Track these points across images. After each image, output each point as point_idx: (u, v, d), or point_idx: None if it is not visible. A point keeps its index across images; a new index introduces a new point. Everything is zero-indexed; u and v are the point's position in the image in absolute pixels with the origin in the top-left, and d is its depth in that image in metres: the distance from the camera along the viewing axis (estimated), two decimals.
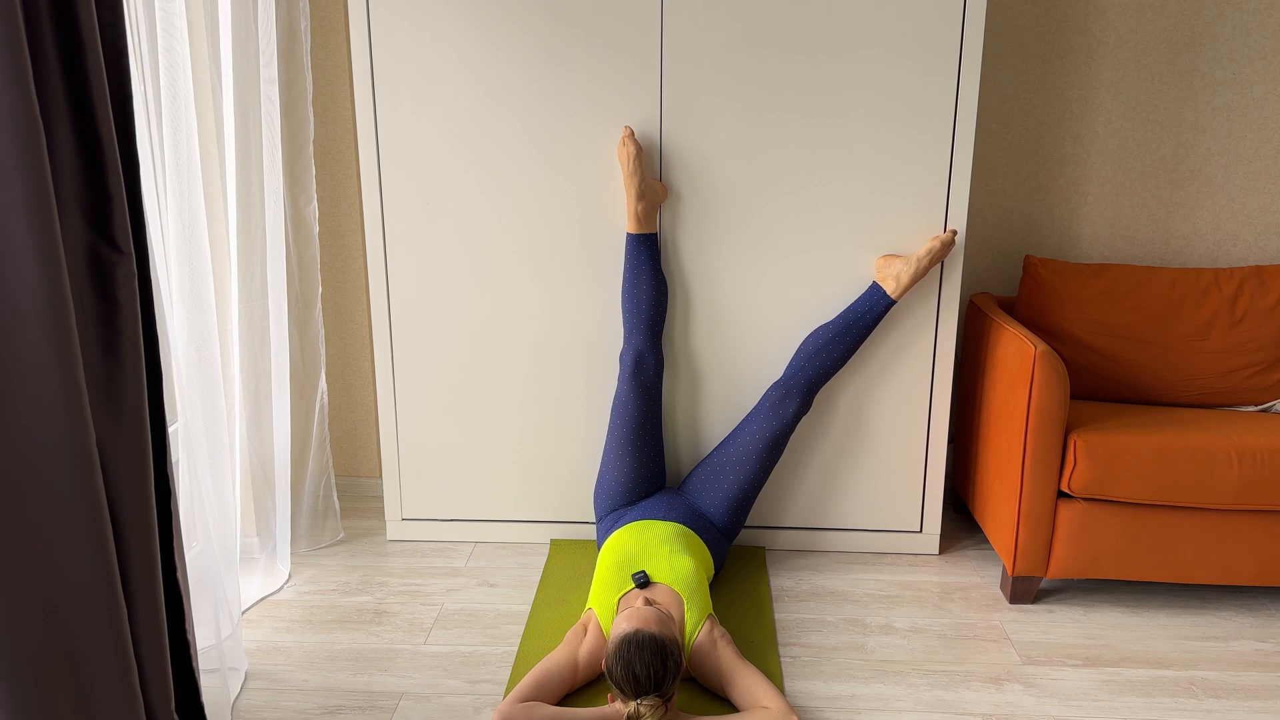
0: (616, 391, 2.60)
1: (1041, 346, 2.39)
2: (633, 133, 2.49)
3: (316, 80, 2.86)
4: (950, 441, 3.11)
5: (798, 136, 2.53)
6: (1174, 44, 2.85)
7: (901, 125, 2.51)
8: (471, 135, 2.56)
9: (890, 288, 2.52)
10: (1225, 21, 2.82)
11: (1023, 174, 2.97)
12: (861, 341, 2.56)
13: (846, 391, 2.70)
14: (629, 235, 2.54)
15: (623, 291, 2.58)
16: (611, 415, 2.60)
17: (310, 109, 2.65)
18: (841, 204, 2.57)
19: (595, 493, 2.63)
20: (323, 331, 2.78)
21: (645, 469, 2.58)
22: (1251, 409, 2.73)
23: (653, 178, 2.56)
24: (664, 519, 2.46)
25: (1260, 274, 2.76)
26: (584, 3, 2.46)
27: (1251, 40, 2.83)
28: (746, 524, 2.82)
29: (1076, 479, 2.38)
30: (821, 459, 2.76)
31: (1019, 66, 2.89)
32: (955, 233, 2.51)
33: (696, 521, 2.50)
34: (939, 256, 2.51)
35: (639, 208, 2.51)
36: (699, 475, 2.60)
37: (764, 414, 2.56)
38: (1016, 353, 2.48)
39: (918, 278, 2.51)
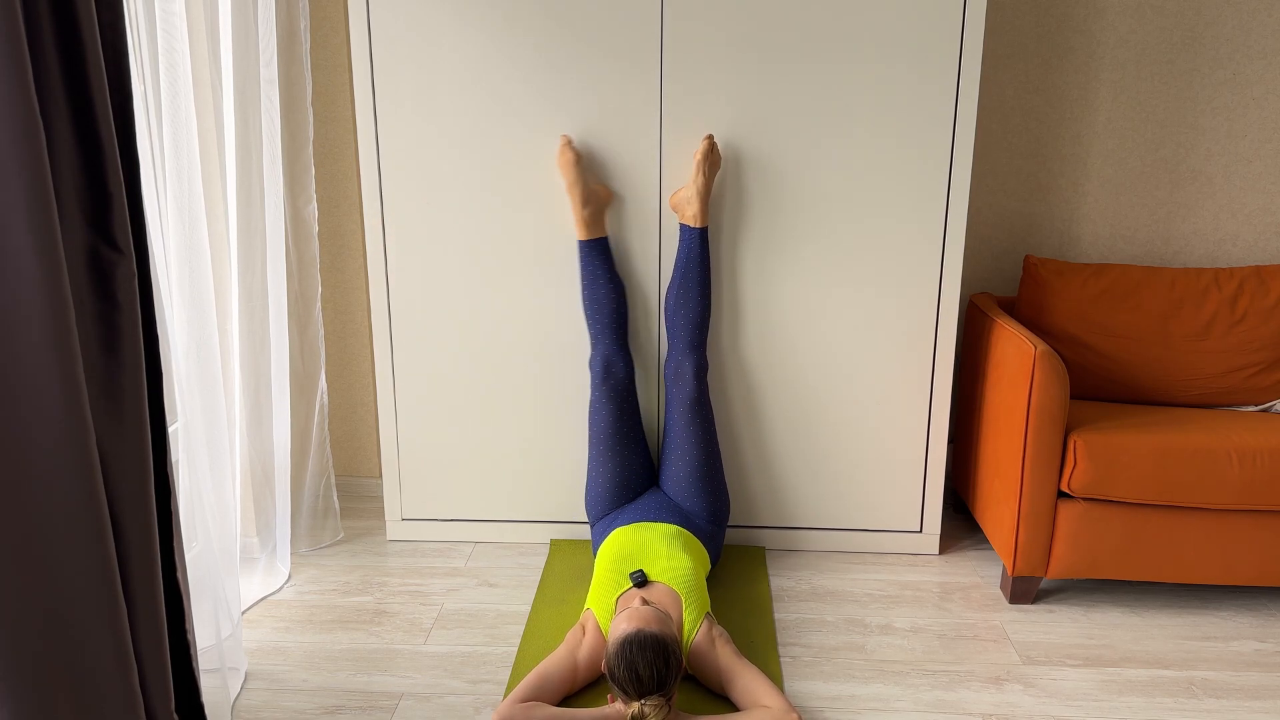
0: (591, 399, 2.60)
1: (1041, 346, 2.39)
2: (570, 140, 2.49)
3: (316, 80, 2.86)
4: (950, 441, 3.11)
5: (797, 137, 2.53)
6: (1174, 44, 2.85)
7: (902, 125, 2.51)
8: (471, 135, 2.56)
9: (689, 219, 2.52)
10: (1225, 21, 2.82)
11: (1023, 174, 2.97)
12: (707, 278, 2.55)
13: (846, 391, 2.70)
14: (580, 243, 2.54)
15: (582, 299, 2.58)
16: (589, 423, 2.61)
17: (310, 109, 2.65)
18: (841, 203, 2.57)
19: (586, 499, 2.64)
20: (323, 331, 2.78)
21: (630, 472, 2.59)
22: (1251, 409, 2.73)
23: (595, 181, 2.56)
24: (657, 520, 2.46)
25: (1260, 274, 2.76)
26: (584, 4, 2.46)
27: (1251, 40, 2.83)
28: (746, 524, 2.82)
29: (1076, 479, 2.38)
30: (821, 459, 2.76)
31: (1019, 67, 2.89)
32: (710, 137, 2.48)
33: (684, 518, 2.50)
34: (709, 170, 2.48)
35: (585, 214, 2.51)
36: (662, 473, 2.62)
37: (670, 390, 2.59)
38: (1016, 353, 2.48)
39: (704, 196, 2.49)
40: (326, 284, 3.03)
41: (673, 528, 2.43)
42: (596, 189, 2.54)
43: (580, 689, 2.13)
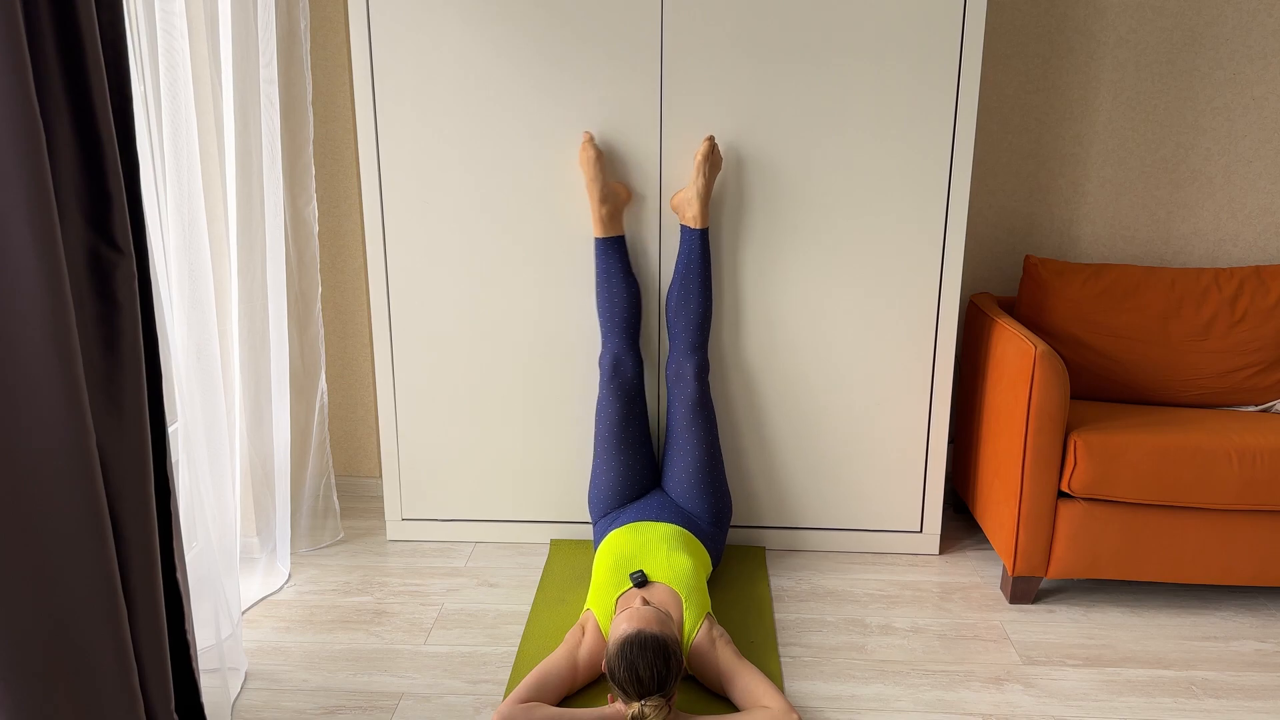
0: (598, 396, 2.61)
1: (1041, 346, 2.39)
2: (592, 137, 2.49)
3: (316, 80, 2.86)
4: (950, 441, 3.11)
5: (798, 138, 2.53)
6: (1174, 44, 2.85)
7: (902, 125, 2.51)
8: (471, 135, 2.56)
9: (690, 220, 2.52)
10: (1225, 22, 2.82)
11: (1023, 174, 2.97)
12: (708, 279, 2.55)
13: (847, 391, 2.70)
14: (596, 240, 2.55)
15: (596, 296, 2.58)
16: (596, 420, 2.61)
17: (310, 109, 2.65)
18: (841, 203, 2.57)
19: (589, 497, 2.64)
20: (323, 331, 2.78)
21: (634, 471, 2.59)
22: (1251, 409, 2.73)
23: (614, 180, 2.56)
24: (658, 520, 2.46)
25: (1260, 274, 2.76)
26: (585, 4, 2.46)
27: (1251, 40, 2.83)
28: (746, 524, 2.82)
29: (1076, 479, 2.38)
30: (821, 459, 2.76)
31: (1019, 67, 2.89)
32: (711, 138, 2.48)
33: (686, 519, 2.50)
34: (709, 171, 2.48)
35: (603, 211, 2.51)
36: (665, 473, 2.62)
37: (672, 391, 2.59)
38: (1016, 353, 2.48)
39: (705, 198, 2.49)
40: (326, 284, 3.03)
41: (673, 528, 2.43)
42: (615, 187, 2.54)
43: (580, 689, 2.13)
